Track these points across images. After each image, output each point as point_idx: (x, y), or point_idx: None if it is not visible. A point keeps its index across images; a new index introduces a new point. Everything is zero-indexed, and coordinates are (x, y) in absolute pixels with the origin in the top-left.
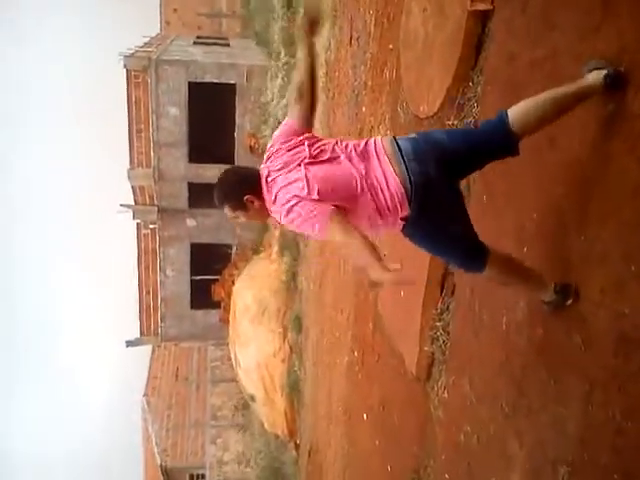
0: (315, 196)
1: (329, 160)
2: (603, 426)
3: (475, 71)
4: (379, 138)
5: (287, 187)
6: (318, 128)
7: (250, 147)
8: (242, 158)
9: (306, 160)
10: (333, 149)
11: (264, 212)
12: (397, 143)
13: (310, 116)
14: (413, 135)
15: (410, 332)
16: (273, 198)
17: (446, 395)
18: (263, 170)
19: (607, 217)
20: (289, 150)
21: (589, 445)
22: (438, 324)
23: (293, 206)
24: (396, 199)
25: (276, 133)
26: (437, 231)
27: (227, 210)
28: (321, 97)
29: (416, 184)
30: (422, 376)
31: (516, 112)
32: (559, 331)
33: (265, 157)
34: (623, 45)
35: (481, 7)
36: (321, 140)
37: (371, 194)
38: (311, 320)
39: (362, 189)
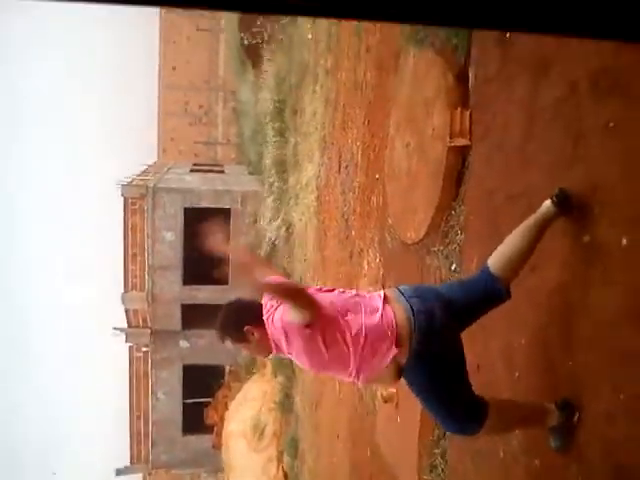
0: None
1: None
2: None
3: (457, 201)
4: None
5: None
6: (310, 250)
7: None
8: (236, 281)
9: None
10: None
11: (266, 343)
12: (398, 289)
13: None
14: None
15: (408, 460)
16: (271, 320)
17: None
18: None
19: (592, 344)
20: None
21: None
22: (436, 451)
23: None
24: (388, 331)
25: None
26: (439, 376)
27: (229, 344)
28: (312, 221)
29: (419, 318)
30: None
31: (495, 261)
32: (557, 462)
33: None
34: (593, 182)
35: (460, 143)
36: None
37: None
38: (307, 444)
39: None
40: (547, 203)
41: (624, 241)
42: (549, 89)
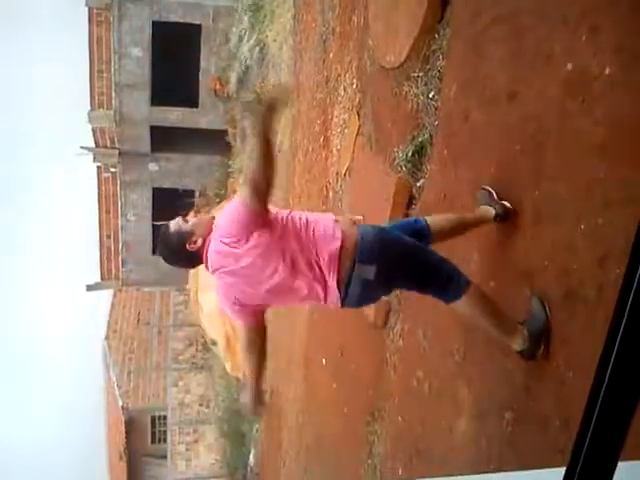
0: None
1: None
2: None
3: (442, 24)
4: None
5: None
6: (285, 73)
7: (214, 90)
8: (206, 101)
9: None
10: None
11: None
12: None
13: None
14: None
15: None
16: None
17: (401, 342)
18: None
19: (560, 174)
20: None
21: (533, 393)
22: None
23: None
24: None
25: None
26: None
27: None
28: (288, 41)
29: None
30: (379, 323)
31: (432, 221)
32: (512, 284)
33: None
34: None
35: None
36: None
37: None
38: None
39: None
40: (487, 211)
41: (607, 70)
42: None
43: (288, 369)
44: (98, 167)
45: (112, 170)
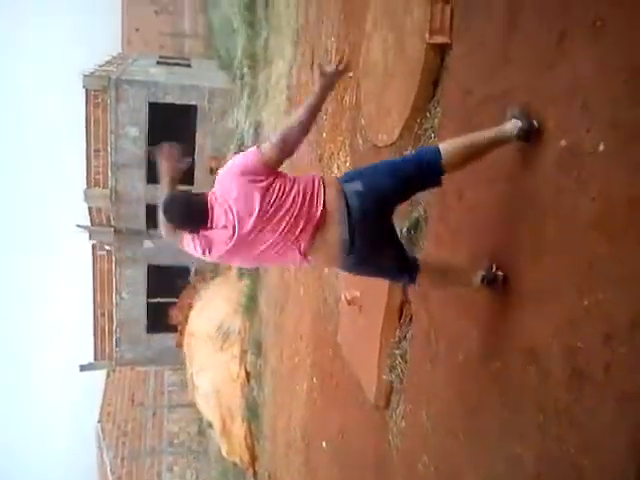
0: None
1: None
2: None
3: (432, 103)
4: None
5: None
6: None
7: (211, 169)
8: (202, 180)
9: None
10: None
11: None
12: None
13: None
14: (356, 177)
15: (369, 360)
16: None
17: (404, 424)
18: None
19: (559, 249)
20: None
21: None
22: (396, 352)
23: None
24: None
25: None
26: (373, 255)
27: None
28: (282, 121)
29: (355, 218)
30: (381, 404)
31: (446, 149)
32: (516, 363)
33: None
34: (574, 82)
35: (439, 40)
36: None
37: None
38: (270, 345)
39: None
40: (511, 126)
41: (601, 147)
42: None
43: (287, 453)
44: (93, 245)
45: (107, 248)
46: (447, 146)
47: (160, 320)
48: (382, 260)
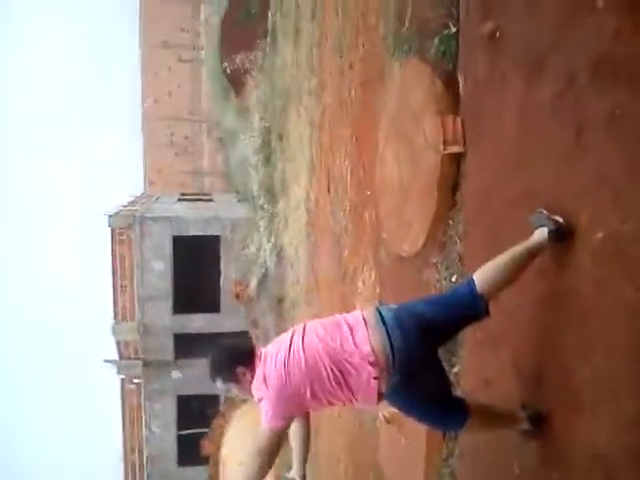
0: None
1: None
2: None
3: (454, 210)
4: (358, 312)
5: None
6: (303, 273)
7: (236, 295)
8: (228, 306)
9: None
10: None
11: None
12: (380, 312)
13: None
14: (394, 306)
15: None
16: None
17: None
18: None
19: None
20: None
21: None
22: (444, 471)
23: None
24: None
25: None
26: (418, 395)
27: (220, 384)
28: (304, 244)
29: (399, 351)
30: None
31: (481, 276)
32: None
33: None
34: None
35: (454, 150)
36: None
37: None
38: (307, 471)
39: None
40: (540, 234)
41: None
42: (545, 84)
43: None
44: (122, 379)
45: (136, 381)
46: (480, 275)
47: (191, 452)
48: (427, 389)
